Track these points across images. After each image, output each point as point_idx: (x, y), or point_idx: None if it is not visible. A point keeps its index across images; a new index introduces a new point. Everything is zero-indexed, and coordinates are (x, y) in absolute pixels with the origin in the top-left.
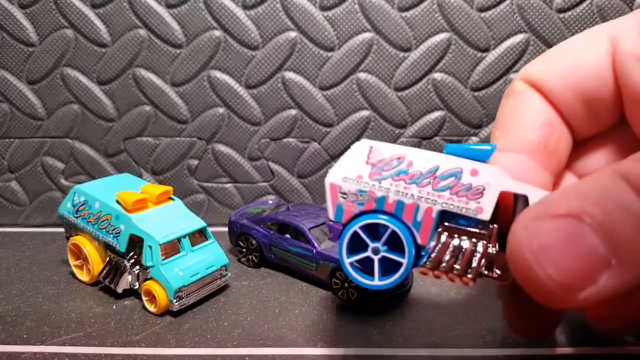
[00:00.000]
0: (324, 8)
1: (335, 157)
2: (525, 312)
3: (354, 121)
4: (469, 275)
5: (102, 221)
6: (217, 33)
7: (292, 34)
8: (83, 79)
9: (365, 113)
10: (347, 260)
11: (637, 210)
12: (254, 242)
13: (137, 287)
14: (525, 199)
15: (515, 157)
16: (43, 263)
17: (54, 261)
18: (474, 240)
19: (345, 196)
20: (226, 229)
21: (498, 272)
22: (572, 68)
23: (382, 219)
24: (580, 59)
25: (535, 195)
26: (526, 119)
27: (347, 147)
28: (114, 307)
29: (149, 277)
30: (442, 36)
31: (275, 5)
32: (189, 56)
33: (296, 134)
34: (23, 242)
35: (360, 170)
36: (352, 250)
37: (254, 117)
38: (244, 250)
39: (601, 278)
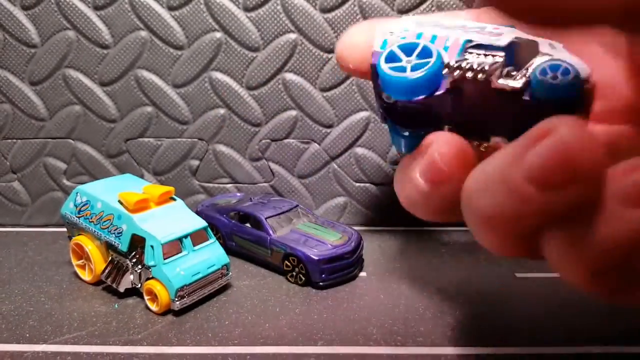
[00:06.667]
0: (324, 10)
1: (335, 157)
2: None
3: (354, 122)
4: (486, 70)
5: (104, 221)
6: (218, 35)
7: (293, 36)
8: (85, 80)
9: (364, 114)
10: (384, 65)
11: None
12: (217, 230)
13: (139, 286)
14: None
15: None
16: (45, 263)
17: (56, 261)
18: (494, 56)
19: (392, 33)
20: None
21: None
22: None
23: (415, 40)
24: None
25: (543, 43)
26: None
27: (347, 148)
28: (116, 306)
29: (150, 276)
30: None
31: (276, 7)
32: (190, 58)
33: (296, 135)
34: (25, 242)
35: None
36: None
37: (254, 118)
38: None
39: None
